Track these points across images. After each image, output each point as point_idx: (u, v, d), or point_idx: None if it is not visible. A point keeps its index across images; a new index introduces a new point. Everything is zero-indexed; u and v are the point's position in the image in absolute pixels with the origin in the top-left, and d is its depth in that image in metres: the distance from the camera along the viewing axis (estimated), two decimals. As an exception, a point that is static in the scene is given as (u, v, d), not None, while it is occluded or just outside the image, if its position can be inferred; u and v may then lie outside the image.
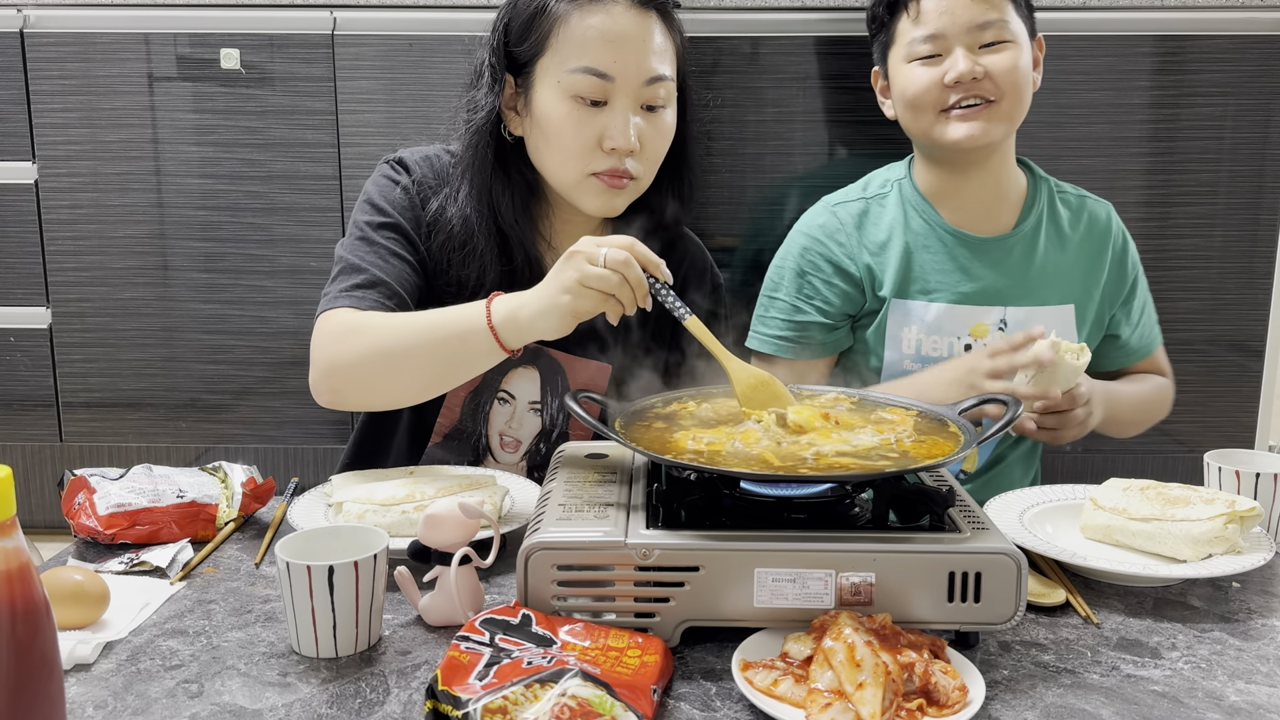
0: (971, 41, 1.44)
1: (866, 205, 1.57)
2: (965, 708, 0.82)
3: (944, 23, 1.43)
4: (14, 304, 2.44)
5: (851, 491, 1.02)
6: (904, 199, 1.56)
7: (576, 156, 1.32)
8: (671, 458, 0.98)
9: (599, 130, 1.30)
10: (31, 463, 2.56)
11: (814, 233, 1.57)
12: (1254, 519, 1.12)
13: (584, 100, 1.30)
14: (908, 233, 1.53)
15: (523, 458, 1.47)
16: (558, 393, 1.44)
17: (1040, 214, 1.54)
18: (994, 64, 1.44)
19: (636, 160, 1.33)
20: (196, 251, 2.38)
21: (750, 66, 2.28)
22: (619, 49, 1.28)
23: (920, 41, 1.45)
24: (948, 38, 1.44)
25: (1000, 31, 1.44)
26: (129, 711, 0.85)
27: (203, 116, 2.34)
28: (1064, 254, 1.54)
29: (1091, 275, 1.55)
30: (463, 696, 0.78)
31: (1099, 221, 1.58)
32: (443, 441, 1.46)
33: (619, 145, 1.30)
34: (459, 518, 0.99)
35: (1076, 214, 1.57)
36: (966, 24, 1.43)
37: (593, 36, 1.28)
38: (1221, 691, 0.90)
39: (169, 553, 1.14)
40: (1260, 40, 2.25)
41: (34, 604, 0.68)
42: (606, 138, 1.30)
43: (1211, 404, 2.37)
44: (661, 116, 1.34)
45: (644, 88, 1.31)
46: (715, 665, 0.93)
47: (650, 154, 1.35)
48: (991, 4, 1.44)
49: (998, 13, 1.44)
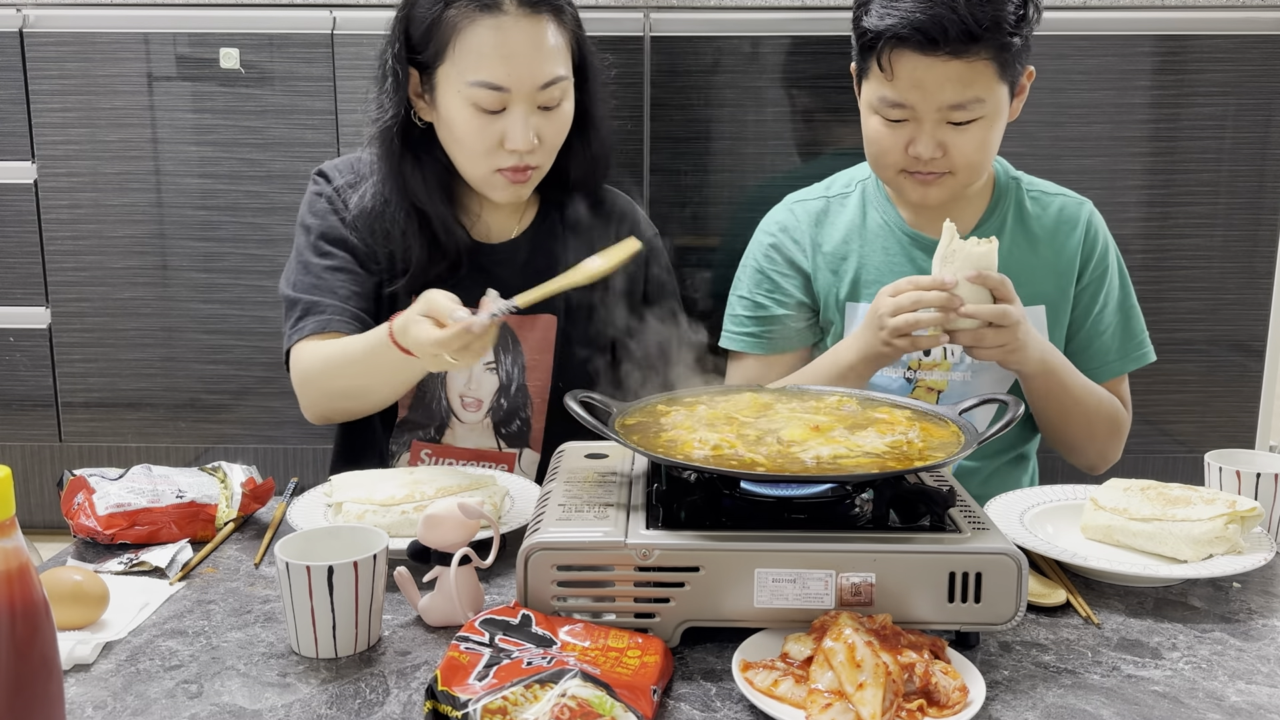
0: (941, 117, 1.34)
1: (827, 204, 1.56)
2: (965, 708, 0.82)
3: (915, 97, 1.33)
4: (14, 304, 2.44)
5: (851, 491, 1.02)
6: (866, 199, 1.54)
7: (480, 156, 1.39)
8: (671, 457, 0.97)
9: (499, 134, 1.36)
10: (31, 463, 2.56)
11: (771, 229, 1.57)
12: (1254, 519, 1.12)
13: (484, 110, 1.36)
14: (864, 233, 1.52)
15: (486, 415, 1.51)
16: (509, 349, 1.50)
17: (1005, 214, 1.50)
18: (957, 143, 1.35)
19: (536, 154, 1.39)
20: (196, 251, 2.38)
21: (750, 66, 2.29)
22: (512, 62, 1.33)
23: (888, 104, 1.36)
24: (916, 109, 1.34)
25: (973, 110, 1.33)
26: (128, 712, 0.85)
27: (202, 116, 2.34)
28: (1034, 253, 1.49)
29: (1064, 275, 1.49)
30: (462, 697, 0.78)
31: (1071, 218, 1.51)
32: (409, 413, 1.51)
33: (519, 148, 1.36)
34: (459, 518, 0.99)
35: (1047, 210, 1.51)
36: (938, 103, 1.33)
37: (487, 52, 1.33)
38: (1222, 692, 0.89)
39: (168, 553, 1.14)
40: (1260, 40, 2.25)
41: (33, 604, 0.68)
42: (507, 140, 1.36)
43: (1211, 404, 2.37)
44: (558, 112, 1.40)
45: (539, 92, 1.36)
46: (715, 665, 0.92)
47: (549, 145, 1.41)
48: (969, 82, 1.32)
49: (974, 91, 1.32)
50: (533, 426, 1.51)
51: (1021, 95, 1.42)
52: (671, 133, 2.31)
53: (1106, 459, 1.52)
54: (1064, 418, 1.45)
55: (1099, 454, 1.51)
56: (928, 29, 1.29)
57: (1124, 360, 1.52)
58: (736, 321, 1.57)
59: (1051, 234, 1.50)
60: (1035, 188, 1.54)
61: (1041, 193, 1.53)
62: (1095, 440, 1.49)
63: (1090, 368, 1.50)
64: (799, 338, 1.55)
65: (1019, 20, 1.32)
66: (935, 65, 1.31)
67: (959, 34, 1.28)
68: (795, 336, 1.55)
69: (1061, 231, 1.50)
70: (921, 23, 1.29)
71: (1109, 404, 1.48)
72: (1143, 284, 1.58)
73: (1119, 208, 1.64)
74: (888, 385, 1.50)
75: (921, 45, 1.30)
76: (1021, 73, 1.39)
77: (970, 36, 1.29)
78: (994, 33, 1.30)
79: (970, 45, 1.29)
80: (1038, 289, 1.48)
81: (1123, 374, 1.53)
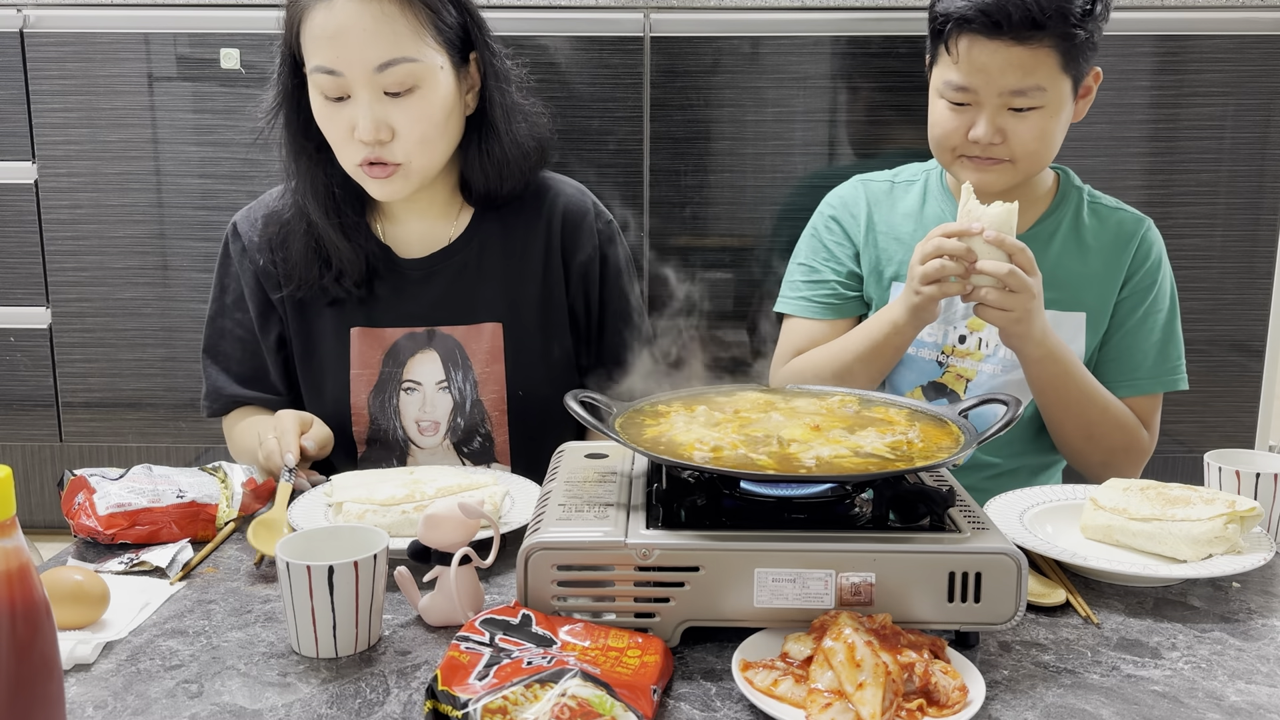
0: (1002, 103, 1.37)
1: (891, 188, 1.60)
2: (965, 708, 0.82)
3: (978, 81, 1.36)
4: (14, 304, 2.44)
5: (851, 491, 1.02)
6: (928, 190, 1.57)
7: (340, 148, 1.36)
8: (671, 457, 0.98)
9: (348, 123, 1.32)
10: (31, 463, 2.56)
11: (834, 201, 1.62)
12: (1254, 519, 1.12)
13: (328, 97, 1.32)
14: (921, 220, 1.54)
15: (444, 436, 1.48)
16: (459, 365, 1.46)
17: (1061, 220, 1.51)
18: (1017, 130, 1.38)
19: (393, 147, 1.33)
20: (196, 251, 2.38)
21: (750, 66, 2.29)
22: (340, 43, 1.29)
23: (952, 88, 1.39)
24: (979, 94, 1.37)
25: (1034, 98, 1.36)
26: (129, 711, 0.85)
27: (202, 116, 2.34)
28: (1083, 262, 1.50)
29: (1108, 285, 1.50)
30: (462, 696, 0.78)
31: (1125, 232, 1.51)
32: (368, 449, 1.49)
33: (363, 137, 1.31)
34: (459, 518, 0.99)
35: (1104, 224, 1.52)
36: (1000, 88, 1.36)
37: (318, 35, 1.30)
38: (1222, 692, 0.90)
39: (169, 553, 1.14)
40: (1260, 40, 2.25)
41: (34, 604, 0.68)
42: (355, 130, 1.32)
43: (1211, 404, 2.37)
44: (411, 99, 1.32)
45: (377, 75, 1.29)
46: (715, 665, 0.93)
47: (408, 138, 1.33)
48: (1030, 69, 1.34)
49: (1035, 79, 1.35)
50: (495, 440, 1.48)
51: (1087, 97, 1.44)
52: (671, 133, 2.31)
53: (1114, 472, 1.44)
54: (1063, 410, 1.43)
55: (1103, 465, 1.47)
56: (992, 13, 1.33)
57: (1154, 380, 1.50)
58: (792, 286, 1.61)
59: (1105, 247, 1.50)
60: (1098, 201, 1.54)
61: (1103, 206, 1.54)
62: (1097, 448, 1.46)
63: (1117, 379, 1.49)
64: (848, 306, 1.58)
65: (1085, 14, 1.35)
66: (999, 50, 1.34)
67: (1022, 19, 1.32)
68: (844, 305, 1.58)
69: (1116, 246, 1.51)
70: (988, 6, 1.33)
71: (1119, 415, 1.45)
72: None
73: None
74: (920, 365, 1.52)
75: (986, 29, 1.34)
76: (1087, 71, 1.41)
77: (1033, 23, 1.32)
78: (1058, 22, 1.33)
79: (1033, 32, 1.33)
80: (1080, 296, 1.49)
81: (1151, 394, 1.50)
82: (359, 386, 1.45)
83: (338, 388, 1.45)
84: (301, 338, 1.46)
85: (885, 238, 1.56)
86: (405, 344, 1.45)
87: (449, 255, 1.46)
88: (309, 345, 1.46)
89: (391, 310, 1.45)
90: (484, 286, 1.46)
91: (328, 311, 1.45)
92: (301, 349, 1.47)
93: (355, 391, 1.45)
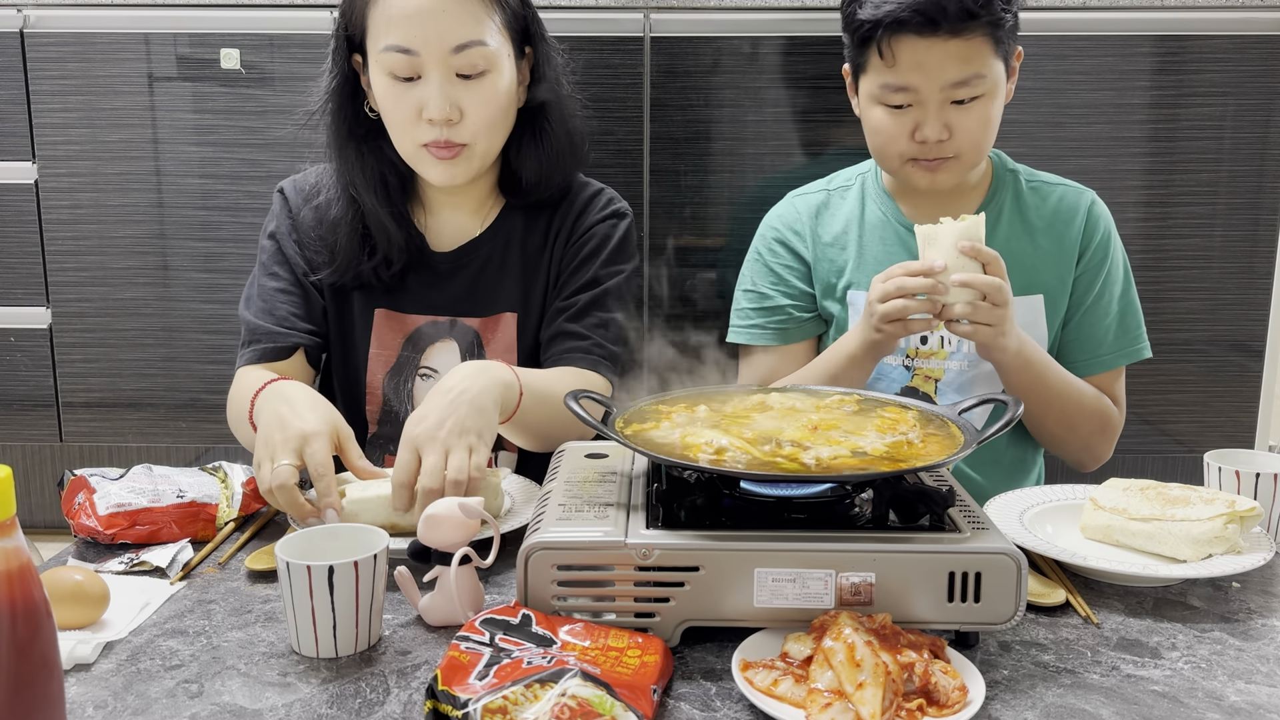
0: (944, 97, 1.36)
1: (827, 197, 1.59)
2: (965, 708, 0.82)
3: (917, 79, 1.35)
4: (14, 304, 2.44)
5: (851, 491, 1.02)
6: (865, 193, 1.56)
7: (404, 130, 1.36)
8: (671, 457, 0.98)
9: (417, 103, 1.33)
10: (31, 463, 2.56)
11: (774, 222, 1.60)
12: (1254, 519, 1.12)
13: (398, 77, 1.34)
14: (863, 225, 1.54)
15: None
16: (475, 356, 1.48)
17: (1002, 204, 1.50)
18: (963, 123, 1.37)
19: (461, 129, 1.35)
20: (196, 251, 2.38)
21: (750, 66, 2.29)
22: (418, 23, 1.31)
23: (890, 90, 1.38)
24: (920, 92, 1.36)
25: (975, 86, 1.36)
26: (129, 711, 0.85)
27: (203, 116, 2.34)
28: (1032, 243, 1.49)
29: (1062, 264, 1.49)
30: (463, 696, 0.78)
31: (1069, 206, 1.51)
32: (379, 428, 1.51)
33: (434, 116, 1.33)
34: (459, 518, 0.99)
35: (1046, 200, 1.51)
36: (941, 83, 1.35)
37: (395, 14, 1.32)
38: (1221, 691, 0.90)
39: (169, 553, 1.14)
40: (1260, 40, 2.25)
41: (34, 604, 0.68)
42: (425, 109, 1.33)
43: (1211, 404, 2.37)
44: (482, 83, 1.35)
45: (453, 56, 1.32)
46: (715, 665, 0.93)
47: (476, 120, 1.35)
48: (968, 58, 1.34)
49: (973, 67, 1.35)
50: None
51: (1013, 76, 1.45)
52: (671, 133, 2.31)
53: (1095, 456, 1.52)
54: (1043, 410, 1.44)
55: (1084, 450, 1.50)
56: (927, 10, 1.32)
57: (1117, 354, 1.51)
58: (742, 315, 1.59)
59: (1050, 223, 1.50)
60: (1035, 179, 1.55)
61: (1042, 183, 1.54)
62: (1077, 436, 1.48)
63: (1082, 358, 1.50)
64: (803, 329, 1.57)
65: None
66: (935, 45, 1.34)
67: (957, 12, 1.32)
68: (799, 328, 1.56)
69: (1061, 221, 1.50)
70: (922, 5, 1.32)
71: (1093, 401, 1.47)
72: (1143, 284, 1.58)
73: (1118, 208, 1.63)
74: (888, 373, 1.51)
75: (921, 27, 1.33)
76: (1014, 51, 1.42)
77: (968, 14, 1.33)
78: (988, 10, 1.34)
79: (968, 23, 1.33)
80: (1036, 278, 1.49)
81: (1116, 368, 1.52)
82: (376, 366, 1.48)
83: (355, 363, 1.48)
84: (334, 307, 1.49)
85: (831, 249, 1.55)
86: (428, 330, 1.48)
87: (476, 248, 1.48)
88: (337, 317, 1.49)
89: (417, 299, 1.48)
90: (504, 278, 1.48)
91: (356, 293, 1.48)
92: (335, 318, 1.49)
93: (372, 370, 1.48)
